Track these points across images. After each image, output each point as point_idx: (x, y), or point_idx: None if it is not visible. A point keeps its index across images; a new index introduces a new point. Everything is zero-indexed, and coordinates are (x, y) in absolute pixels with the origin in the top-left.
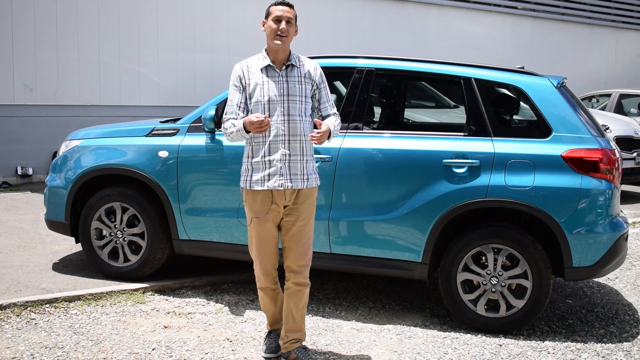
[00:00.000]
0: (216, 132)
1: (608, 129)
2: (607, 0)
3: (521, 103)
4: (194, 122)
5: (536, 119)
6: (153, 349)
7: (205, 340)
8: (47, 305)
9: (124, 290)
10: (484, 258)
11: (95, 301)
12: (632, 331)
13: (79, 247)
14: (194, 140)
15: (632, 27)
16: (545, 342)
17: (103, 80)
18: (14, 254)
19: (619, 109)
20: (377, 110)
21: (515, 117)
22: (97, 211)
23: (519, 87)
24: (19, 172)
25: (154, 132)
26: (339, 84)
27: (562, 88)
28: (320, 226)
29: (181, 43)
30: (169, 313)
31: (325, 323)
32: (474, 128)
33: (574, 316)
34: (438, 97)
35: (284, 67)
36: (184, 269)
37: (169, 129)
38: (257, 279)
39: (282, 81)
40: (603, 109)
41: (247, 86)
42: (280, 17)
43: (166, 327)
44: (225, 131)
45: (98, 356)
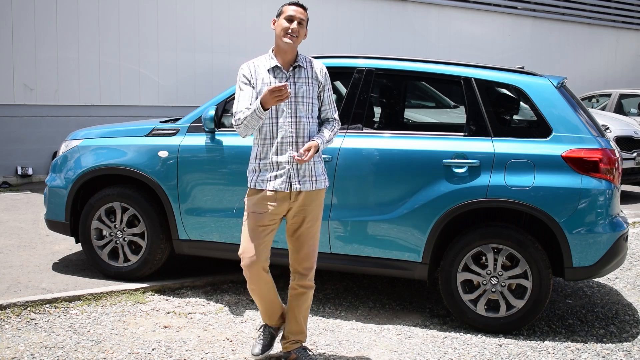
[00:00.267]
0: (216, 132)
1: (608, 129)
2: (607, 0)
3: (521, 103)
4: (194, 122)
5: (536, 119)
6: (153, 349)
7: (205, 340)
8: (47, 305)
9: (124, 290)
10: (484, 258)
11: (95, 301)
12: (632, 331)
13: (79, 247)
14: (194, 140)
15: (632, 27)
16: (545, 342)
17: (103, 80)
18: (14, 254)
19: (619, 109)
20: (377, 110)
21: (515, 117)
22: (97, 211)
23: (519, 87)
24: (19, 172)
25: (154, 132)
26: (339, 84)
27: (562, 88)
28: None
29: (181, 43)
30: (169, 313)
31: (325, 323)
32: (474, 128)
33: (574, 316)
34: (438, 97)
35: (291, 68)
36: (184, 269)
37: (169, 129)
38: (244, 265)
39: (290, 82)
40: (603, 109)
41: (254, 86)
42: (292, 17)
43: (166, 327)
44: (237, 122)
45: (98, 356)
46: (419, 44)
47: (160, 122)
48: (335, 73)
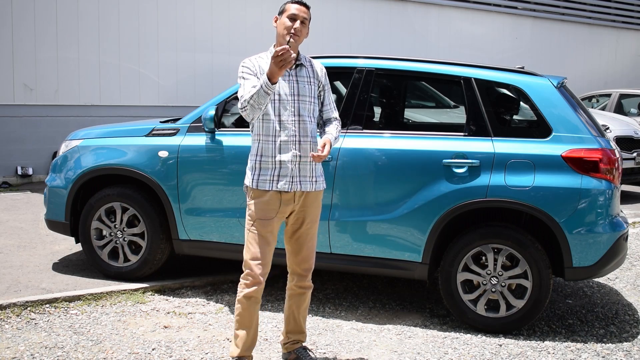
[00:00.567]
0: (216, 132)
1: (608, 129)
2: (607, 0)
3: (521, 103)
4: (194, 122)
5: (536, 119)
6: (153, 349)
7: (205, 340)
8: (47, 305)
9: (124, 290)
10: (484, 258)
11: (95, 301)
12: (632, 331)
13: (79, 247)
14: (194, 140)
15: (632, 27)
16: (545, 342)
17: (103, 80)
18: (14, 254)
19: (619, 109)
20: (377, 110)
21: (515, 117)
22: (97, 211)
23: (519, 87)
24: (19, 172)
25: (154, 132)
26: (339, 84)
27: (562, 88)
28: (320, 226)
29: (181, 43)
30: (169, 313)
31: (325, 323)
32: (474, 128)
33: (574, 316)
34: (438, 97)
35: (293, 66)
36: (184, 269)
37: (169, 129)
38: (248, 285)
39: (292, 80)
40: (603, 109)
41: (259, 78)
42: (295, 16)
43: (166, 327)
44: (242, 104)
45: (98, 356)
46: (419, 44)
47: (160, 122)
48: (335, 73)
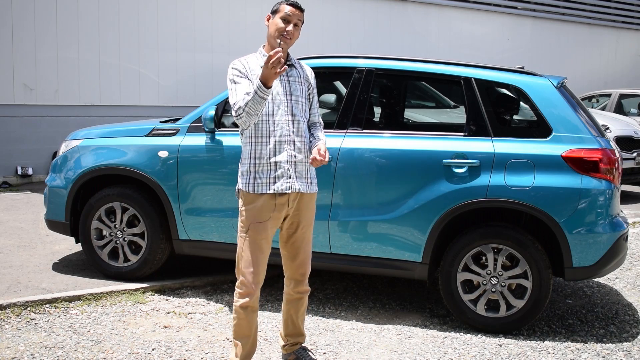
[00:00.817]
0: (216, 132)
1: (608, 129)
2: (607, 0)
3: (521, 103)
4: (194, 122)
5: (536, 119)
6: (153, 349)
7: (205, 340)
8: (47, 305)
9: (124, 290)
10: (484, 258)
11: (95, 301)
12: (632, 331)
13: (79, 247)
14: (194, 140)
15: (632, 27)
16: (545, 342)
17: (103, 80)
18: (14, 254)
19: (619, 109)
20: (377, 110)
21: (515, 117)
22: (97, 211)
23: (519, 87)
24: (19, 172)
25: (154, 132)
26: (339, 84)
27: (562, 88)
28: (320, 226)
29: (181, 43)
30: (169, 313)
31: (325, 323)
32: (474, 128)
33: (574, 316)
34: (438, 97)
35: (284, 66)
36: (184, 269)
37: (169, 129)
38: (244, 295)
39: (284, 80)
40: (603, 109)
41: (250, 80)
42: (289, 18)
43: (166, 327)
44: (237, 112)
45: (98, 356)
46: (419, 44)
47: (160, 122)
48: (335, 73)
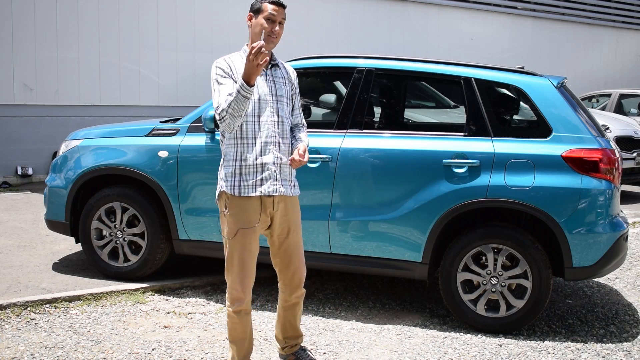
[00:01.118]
0: (216, 132)
1: (608, 129)
2: (607, 0)
3: (521, 103)
4: (194, 122)
5: (536, 119)
6: (153, 349)
7: (205, 340)
8: (47, 305)
9: (124, 290)
10: (484, 258)
11: (95, 301)
12: (632, 331)
13: (79, 247)
14: (194, 140)
15: (632, 27)
16: (545, 342)
17: (103, 80)
18: (14, 254)
19: (619, 109)
20: (377, 110)
21: (515, 117)
22: (97, 211)
23: (519, 87)
24: (19, 172)
25: (154, 132)
26: (339, 84)
27: (562, 88)
28: (320, 226)
29: (181, 43)
30: (169, 313)
31: (325, 323)
32: (474, 128)
33: (574, 316)
34: (438, 97)
35: (269, 65)
36: (184, 269)
37: (169, 129)
38: (235, 300)
39: (269, 80)
40: (603, 109)
41: (235, 80)
42: (274, 18)
43: (166, 327)
44: (221, 115)
45: (98, 356)
46: (419, 44)
47: (160, 122)
48: (335, 73)
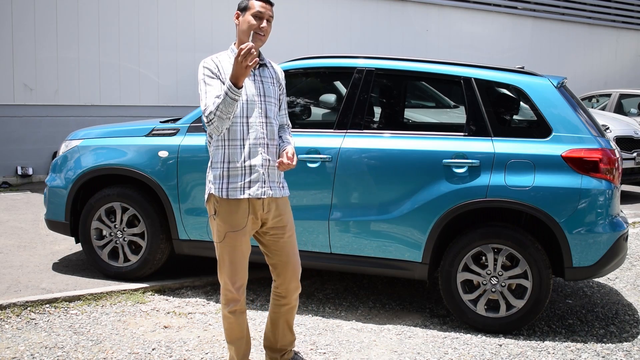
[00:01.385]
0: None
1: (608, 129)
2: (607, 0)
3: (521, 103)
4: (194, 122)
5: (536, 119)
6: (153, 349)
7: (205, 340)
8: (47, 305)
9: (124, 290)
10: (484, 258)
11: (95, 301)
12: (632, 331)
13: (79, 247)
14: (194, 140)
15: (632, 27)
16: (545, 342)
17: (103, 80)
18: (14, 254)
19: (619, 109)
20: (377, 110)
21: (515, 117)
22: (97, 211)
23: (519, 87)
24: (19, 172)
25: (154, 132)
26: (339, 84)
27: (562, 88)
28: (320, 226)
29: (181, 43)
30: (169, 313)
31: (325, 323)
32: (474, 128)
33: (574, 316)
34: (438, 97)
35: (257, 65)
36: (184, 269)
37: (169, 129)
38: (229, 301)
39: (257, 81)
40: (603, 109)
41: (223, 81)
42: (262, 15)
43: (166, 327)
44: (209, 117)
45: (98, 356)
46: (419, 44)
47: (160, 122)
48: (335, 73)
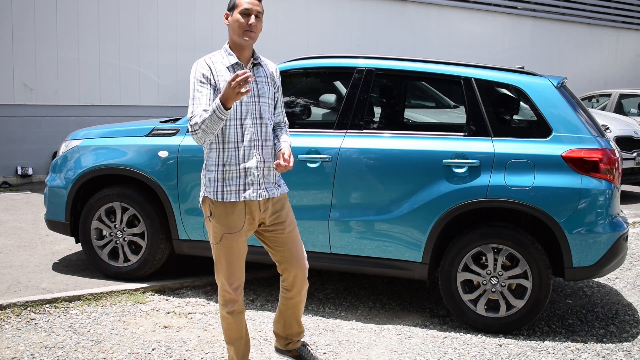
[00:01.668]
0: None
1: (608, 129)
2: (607, 0)
3: (521, 103)
4: None
5: (536, 119)
6: (153, 349)
7: (205, 340)
8: (47, 305)
9: (124, 290)
10: (484, 258)
11: (95, 301)
12: (632, 331)
13: (79, 247)
14: (193, 141)
15: (632, 27)
16: (545, 342)
17: (103, 80)
18: (14, 254)
19: (619, 109)
20: (377, 110)
21: (515, 117)
22: (97, 211)
23: (519, 87)
24: (19, 172)
25: (154, 132)
26: (339, 84)
27: (562, 88)
28: (320, 226)
29: (181, 43)
30: (169, 313)
31: (325, 323)
32: (474, 128)
33: (574, 316)
34: (438, 97)
35: (251, 65)
36: (184, 269)
37: (169, 129)
38: (227, 302)
39: (251, 81)
40: (603, 109)
41: (216, 83)
42: (249, 11)
43: (166, 327)
44: (193, 128)
45: (98, 356)
46: (419, 44)
47: (160, 122)
48: (335, 73)
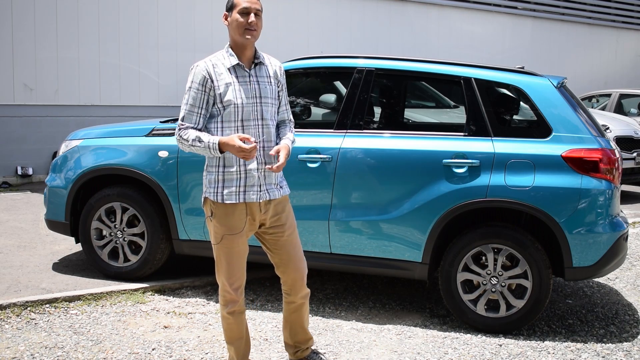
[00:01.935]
0: None
1: (608, 129)
2: (607, 0)
3: (521, 103)
4: None
5: (536, 119)
6: (153, 349)
7: (205, 340)
8: (47, 305)
9: (124, 290)
10: (484, 258)
11: (95, 301)
12: (632, 331)
13: (79, 247)
14: None
15: (632, 27)
16: (545, 342)
17: (103, 80)
18: (14, 254)
19: (619, 109)
20: (377, 110)
21: (515, 117)
22: (97, 211)
23: (519, 87)
24: (19, 172)
25: (154, 132)
26: (339, 84)
27: (562, 88)
28: (320, 226)
29: (181, 43)
30: (169, 313)
31: (325, 323)
32: (474, 128)
33: (574, 316)
34: (438, 97)
35: (253, 65)
36: (184, 269)
37: (169, 129)
38: (228, 302)
39: (253, 82)
40: (603, 109)
41: (215, 88)
42: (248, 10)
43: (166, 327)
44: (180, 139)
45: (98, 356)
46: (419, 44)
47: (160, 122)
48: (335, 73)
